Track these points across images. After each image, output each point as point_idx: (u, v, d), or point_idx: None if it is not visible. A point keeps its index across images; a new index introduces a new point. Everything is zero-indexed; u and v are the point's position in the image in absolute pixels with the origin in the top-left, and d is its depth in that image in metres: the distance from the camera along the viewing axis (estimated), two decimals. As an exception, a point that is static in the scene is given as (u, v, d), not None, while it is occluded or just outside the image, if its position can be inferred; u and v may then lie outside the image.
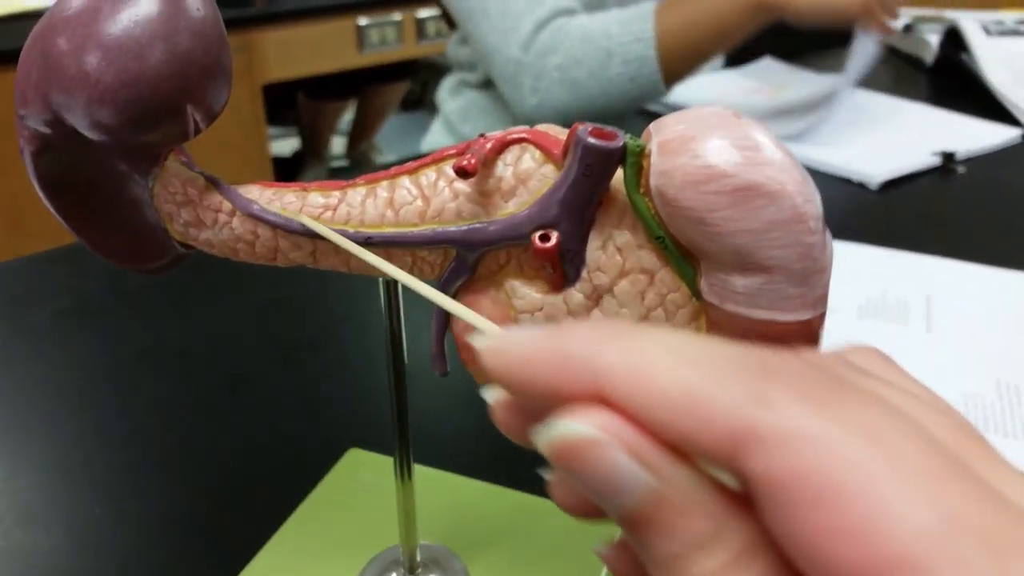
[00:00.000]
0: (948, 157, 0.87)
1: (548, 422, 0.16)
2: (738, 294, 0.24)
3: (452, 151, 0.27)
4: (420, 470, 0.43)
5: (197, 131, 0.28)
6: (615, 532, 0.18)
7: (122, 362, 0.58)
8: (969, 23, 1.12)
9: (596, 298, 0.26)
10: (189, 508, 0.45)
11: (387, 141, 2.84)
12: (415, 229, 0.27)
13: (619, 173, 0.25)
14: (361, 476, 0.43)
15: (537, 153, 0.26)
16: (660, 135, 0.24)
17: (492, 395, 0.19)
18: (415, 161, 0.28)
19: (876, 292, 0.63)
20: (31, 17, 1.78)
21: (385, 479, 0.35)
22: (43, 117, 0.27)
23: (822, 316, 0.24)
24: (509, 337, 0.18)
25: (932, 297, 0.62)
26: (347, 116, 2.72)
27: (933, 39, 1.20)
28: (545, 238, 0.26)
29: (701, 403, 0.15)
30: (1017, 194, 0.83)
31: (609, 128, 0.24)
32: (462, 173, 0.25)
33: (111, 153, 0.29)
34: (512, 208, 0.27)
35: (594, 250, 0.26)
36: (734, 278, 0.24)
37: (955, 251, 0.68)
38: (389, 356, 0.33)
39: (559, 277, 0.27)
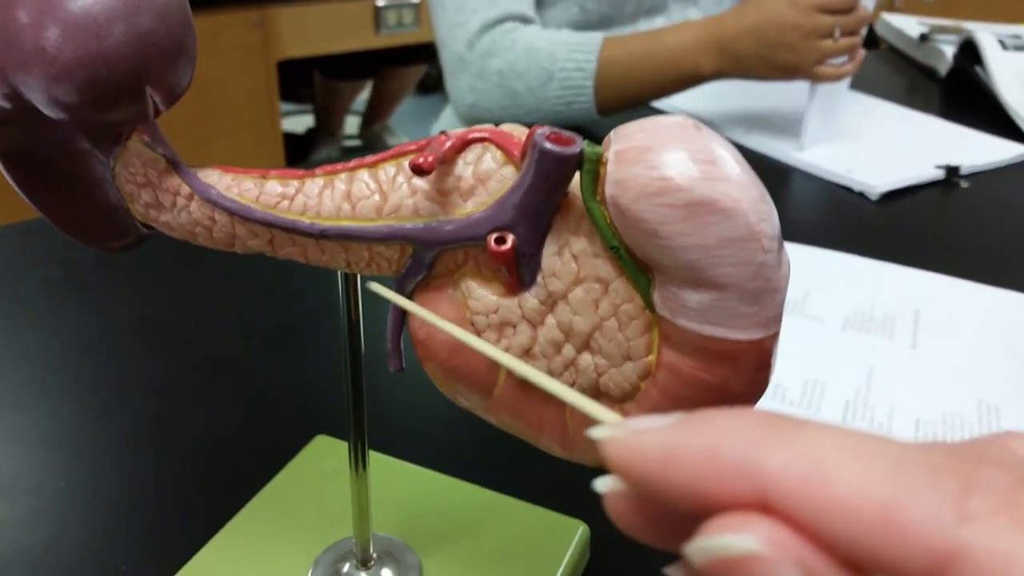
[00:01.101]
0: (952, 171, 0.86)
1: (704, 534, 0.14)
2: (690, 309, 0.23)
3: (412, 147, 0.27)
4: (382, 460, 0.43)
5: (157, 113, 0.27)
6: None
7: (105, 336, 0.58)
8: (985, 36, 1.11)
9: (551, 304, 0.26)
10: (155, 487, 0.45)
11: (401, 123, 2.83)
12: (371, 224, 0.27)
13: (577, 178, 0.25)
14: (325, 463, 0.43)
15: (498, 154, 0.26)
16: (618, 143, 0.23)
17: (607, 486, 0.17)
18: (376, 155, 0.27)
19: (864, 304, 0.62)
20: None
21: (348, 468, 0.35)
22: (1, 91, 0.27)
23: (775, 336, 0.24)
24: (639, 429, 0.16)
25: (920, 312, 0.61)
26: (362, 96, 2.71)
27: (948, 50, 1.19)
28: (501, 240, 0.25)
29: (894, 516, 0.13)
30: (1018, 212, 0.82)
31: (567, 133, 0.24)
32: (418, 171, 0.25)
33: (71, 130, 0.29)
34: (470, 208, 0.26)
35: (550, 255, 0.26)
36: (686, 293, 0.23)
37: (950, 267, 0.68)
38: (345, 345, 0.32)
39: (514, 280, 0.26)
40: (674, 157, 0.22)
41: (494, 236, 0.25)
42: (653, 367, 0.25)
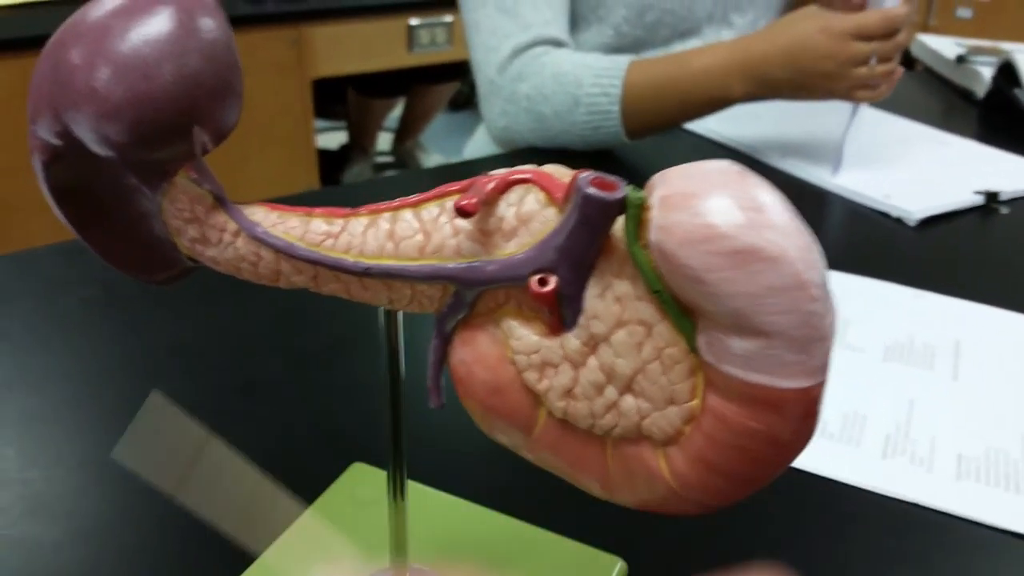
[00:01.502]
0: (991, 197, 0.85)
1: None
2: (735, 356, 0.23)
3: (456, 187, 0.27)
4: (421, 490, 0.43)
5: (205, 151, 0.28)
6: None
7: (142, 356, 0.59)
8: (1025, 58, 1.10)
9: (593, 346, 0.26)
10: (191, 513, 0.46)
11: (433, 140, 2.85)
12: (414, 263, 0.27)
13: (621, 221, 0.25)
14: (361, 492, 0.43)
15: (541, 195, 0.26)
16: (662, 188, 0.23)
17: None
18: (419, 195, 0.28)
19: (903, 334, 0.61)
20: (35, 6, 1.77)
21: (384, 497, 0.35)
22: (53, 129, 0.27)
23: (822, 384, 0.24)
24: None
25: (961, 343, 0.60)
26: (395, 113, 2.73)
27: (986, 72, 1.17)
28: (543, 282, 0.25)
29: None
30: (1062, 239, 0.81)
31: (611, 178, 0.24)
32: (462, 213, 0.25)
33: (119, 167, 0.29)
34: (512, 248, 0.26)
35: (592, 297, 0.26)
36: (732, 339, 0.23)
37: (990, 296, 0.67)
38: (386, 378, 0.33)
39: (556, 322, 0.26)
40: (719, 204, 0.22)
41: (536, 277, 0.25)
42: (697, 412, 0.25)
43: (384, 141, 2.82)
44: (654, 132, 0.93)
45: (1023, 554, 0.44)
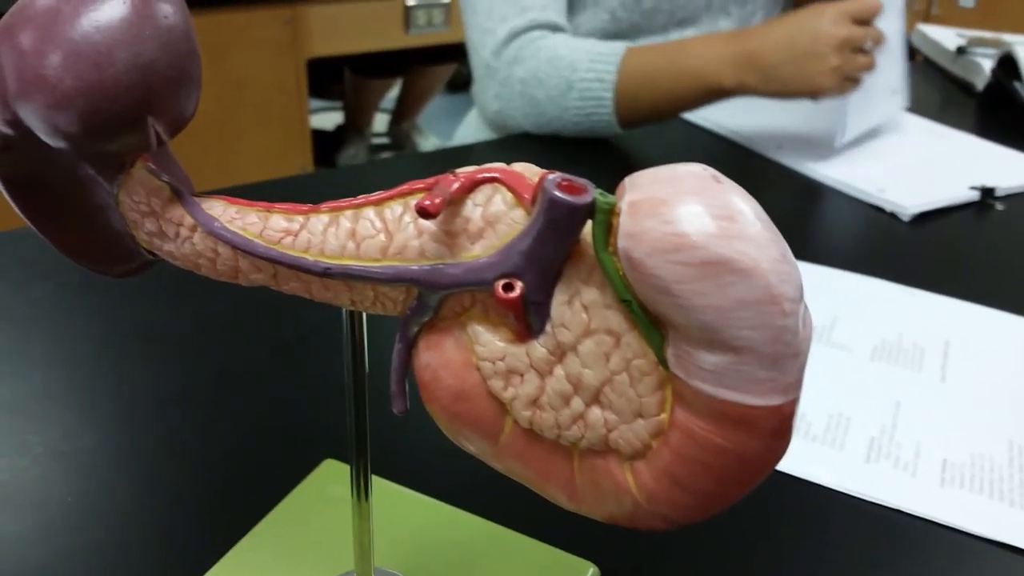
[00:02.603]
0: (987, 192, 0.84)
1: None
2: (705, 371, 0.22)
3: (420, 185, 0.26)
4: (388, 487, 0.42)
5: (160, 142, 0.27)
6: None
7: (115, 344, 0.58)
8: (1025, 51, 1.08)
9: (560, 355, 0.25)
10: (159, 506, 0.45)
11: (430, 122, 2.83)
12: (376, 264, 0.26)
13: (591, 225, 0.23)
14: (331, 490, 0.42)
15: (508, 196, 0.25)
16: (632, 193, 0.22)
17: None
18: (383, 192, 0.26)
19: (892, 334, 0.60)
20: None
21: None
22: (3, 117, 0.26)
23: (794, 402, 0.23)
24: None
25: (951, 343, 0.59)
26: (392, 94, 2.71)
27: (987, 64, 1.16)
28: (509, 287, 0.24)
29: None
30: (1056, 238, 0.80)
31: (580, 181, 0.23)
32: (424, 214, 0.24)
33: (74, 158, 0.28)
34: (478, 251, 0.25)
35: (559, 304, 0.25)
36: (701, 354, 0.22)
37: (983, 295, 0.66)
38: (349, 379, 0.32)
39: (523, 328, 0.25)
40: (690, 211, 0.21)
41: (502, 283, 0.24)
42: (666, 426, 0.24)
43: (380, 122, 2.80)
44: (647, 122, 0.92)
45: (1004, 564, 0.43)
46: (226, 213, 0.28)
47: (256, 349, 0.57)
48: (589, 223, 0.23)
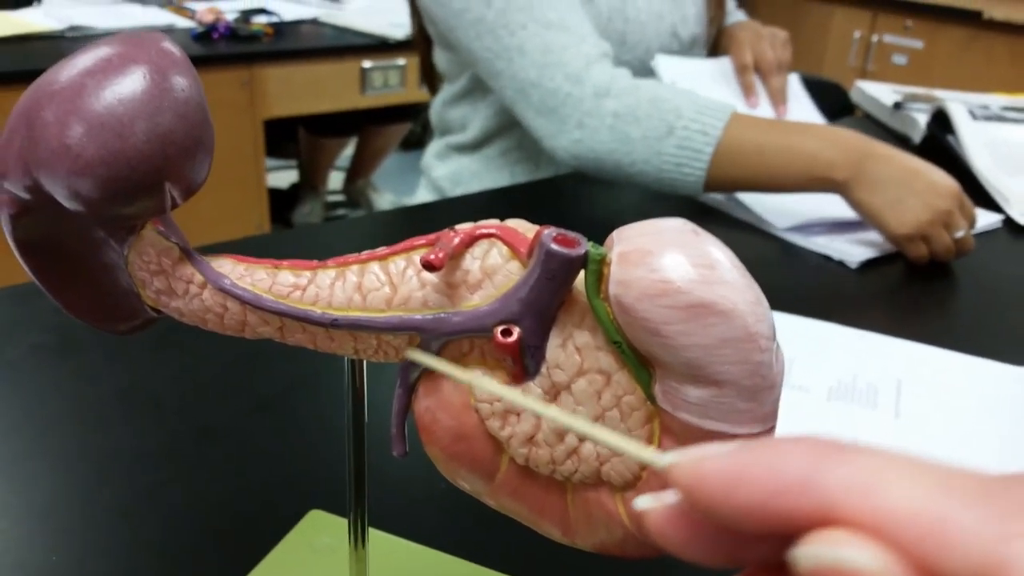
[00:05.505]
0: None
1: (816, 543, 0.15)
2: (690, 404, 0.24)
3: (422, 241, 0.28)
4: (380, 537, 0.43)
5: (174, 205, 0.28)
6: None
7: (94, 403, 0.58)
8: (956, 106, 1.14)
9: (554, 394, 0.27)
10: (145, 563, 0.45)
11: (385, 179, 2.85)
12: (381, 315, 0.28)
13: (583, 275, 0.26)
14: (319, 540, 0.43)
15: (504, 249, 0.27)
16: (621, 245, 0.25)
17: (648, 503, 0.18)
18: (387, 248, 0.29)
19: (847, 374, 0.63)
20: (35, 39, 1.80)
21: (342, 545, 0.35)
22: (23, 183, 0.28)
23: (772, 430, 0.25)
24: (705, 456, 0.17)
25: (902, 382, 0.63)
26: (346, 152, 2.74)
27: (922, 118, 1.22)
28: (507, 333, 0.26)
29: (950, 529, 0.14)
30: (996, 280, 0.84)
31: (573, 234, 0.25)
32: (429, 267, 0.26)
33: (88, 221, 0.30)
34: (477, 300, 0.27)
35: (554, 347, 0.27)
36: (687, 388, 0.24)
37: (930, 336, 0.69)
38: (349, 427, 0.33)
39: (519, 371, 0.27)
40: (675, 260, 0.24)
41: (500, 328, 0.26)
42: (654, 458, 0.26)
43: (336, 180, 2.82)
44: (732, 190, 0.91)
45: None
46: (235, 270, 0.29)
47: (237, 403, 0.58)
48: (581, 273, 0.26)
